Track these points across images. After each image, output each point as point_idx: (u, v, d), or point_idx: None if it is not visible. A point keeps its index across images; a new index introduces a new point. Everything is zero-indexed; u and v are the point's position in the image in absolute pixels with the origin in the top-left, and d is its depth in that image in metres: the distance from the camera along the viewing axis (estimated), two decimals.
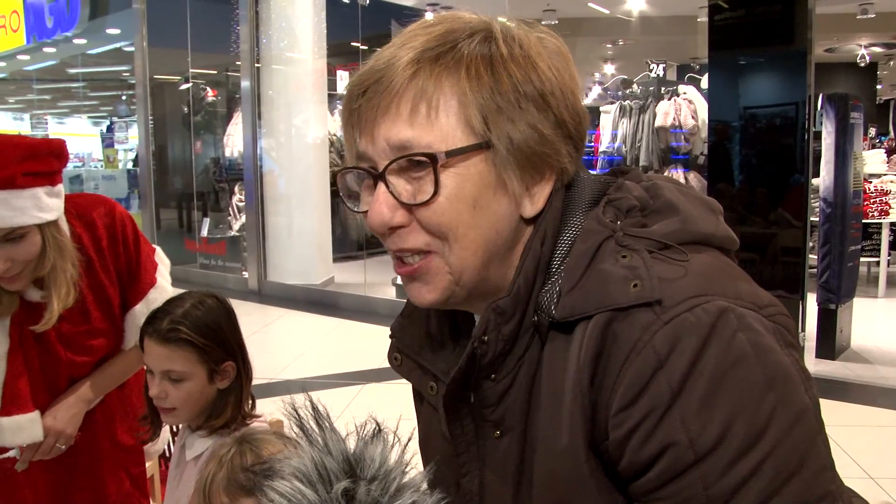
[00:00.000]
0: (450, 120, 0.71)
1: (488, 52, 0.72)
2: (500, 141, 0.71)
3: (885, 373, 4.46)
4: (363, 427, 0.66)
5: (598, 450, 0.70)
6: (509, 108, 0.71)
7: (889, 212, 6.53)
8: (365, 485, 0.62)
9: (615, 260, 0.70)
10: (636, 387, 0.65)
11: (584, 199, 0.77)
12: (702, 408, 0.63)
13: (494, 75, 0.71)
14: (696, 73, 7.93)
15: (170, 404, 1.43)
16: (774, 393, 0.64)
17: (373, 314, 6.26)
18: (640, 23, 9.78)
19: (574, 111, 0.75)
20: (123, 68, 10.79)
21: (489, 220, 0.73)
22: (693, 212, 0.75)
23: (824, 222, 4.85)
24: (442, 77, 0.71)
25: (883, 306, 6.34)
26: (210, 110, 9.22)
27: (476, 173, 0.72)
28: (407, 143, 0.71)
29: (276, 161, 7.25)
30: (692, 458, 0.64)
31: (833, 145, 4.79)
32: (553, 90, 0.73)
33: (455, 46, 0.72)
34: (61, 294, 1.49)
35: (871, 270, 7.14)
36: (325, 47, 7.41)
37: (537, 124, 0.72)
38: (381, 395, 4.16)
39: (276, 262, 7.33)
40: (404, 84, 0.71)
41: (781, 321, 0.70)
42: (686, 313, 0.66)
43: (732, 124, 4.44)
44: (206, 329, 1.44)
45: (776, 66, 4.32)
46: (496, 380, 0.76)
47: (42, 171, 1.42)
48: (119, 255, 1.64)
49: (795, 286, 4.19)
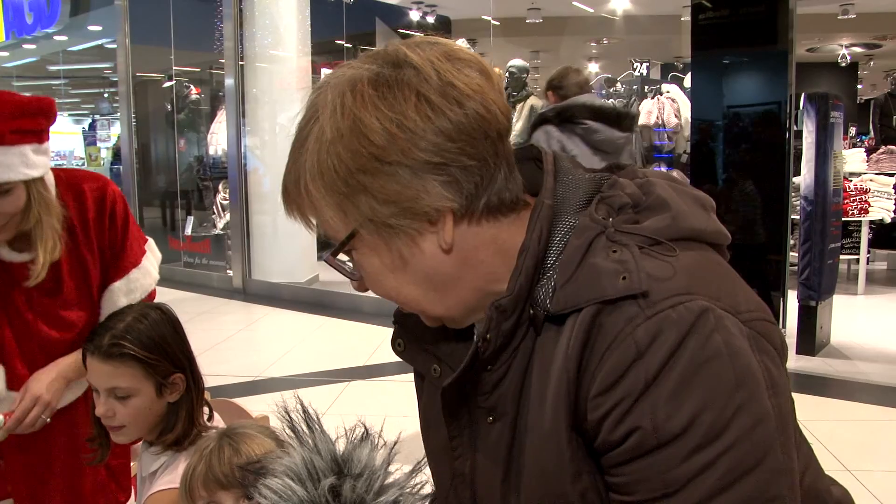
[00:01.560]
0: (332, 223, 0.76)
1: (318, 138, 0.74)
2: (363, 227, 0.75)
3: (864, 368, 4.52)
4: (352, 430, 0.69)
5: (579, 430, 0.73)
6: (350, 194, 0.73)
7: (868, 210, 6.60)
8: (350, 482, 0.65)
9: (606, 255, 0.73)
10: (615, 374, 0.69)
11: (578, 196, 0.79)
12: (671, 398, 0.67)
13: (323, 171, 0.73)
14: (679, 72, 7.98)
15: (118, 422, 1.39)
16: (741, 393, 0.67)
17: (357, 312, 6.25)
18: (624, 22, 9.83)
19: (438, 135, 0.72)
20: (105, 65, 10.72)
21: (414, 274, 0.77)
22: (684, 208, 0.77)
23: (805, 220, 4.90)
24: (309, 195, 0.75)
25: (862, 303, 6.42)
26: (194, 108, 9.18)
27: (370, 250, 0.76)
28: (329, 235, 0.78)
29: (261, 159, 7.23)
30: (654, 444, 0.68)
31: (814, 144, 4.85)
32: (388, 148, 0.71)
33: (306, 138, 0.75)
34: (48, 247, 1.51)
35: (851, 268, 7.22)
36: (310, 45, 7.39)
37: (379, 194, 0.72)
38: (366, 393, 4.17)
39: (260, 260, 7.31)
40: (297, 193, 0.77)
41: (758, 327, 0.72)
42: (669, 310, 0.69)
43: (715, 123, 4.48)
44: (151, 342, 1.39)
45: (758, 65, 4.37)
46: (492, 370, 0.79)
47: (30, 129, 1.44)
48: (104, 230, 1.64)
49: (777, 283, 4.24)
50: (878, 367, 4.53)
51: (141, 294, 1.68)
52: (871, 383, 4.21)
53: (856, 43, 12.33)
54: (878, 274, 7.72)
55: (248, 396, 4.00)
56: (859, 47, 12.61)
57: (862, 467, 3.09)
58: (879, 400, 3.95)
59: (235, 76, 7.20)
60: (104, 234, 1.64)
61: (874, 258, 7.84)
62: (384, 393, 4.19)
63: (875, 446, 3.43)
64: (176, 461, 1.41)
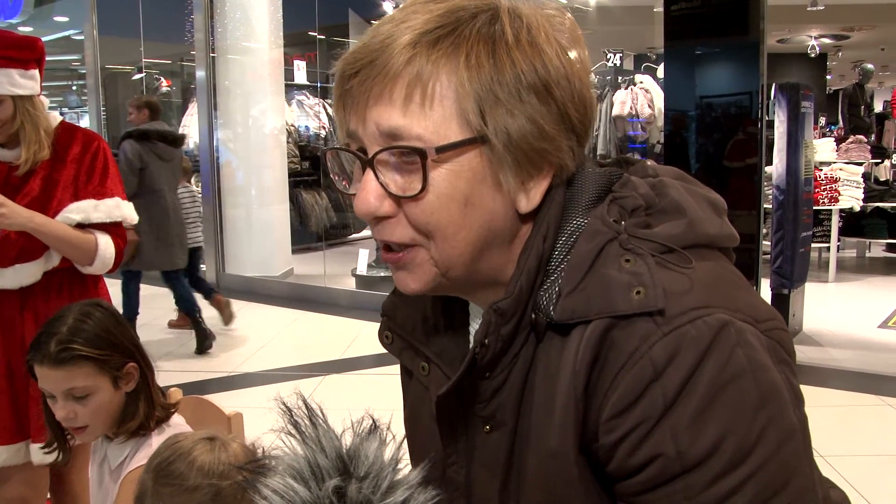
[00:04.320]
0: (444, 110, 0.67)
1: (491, 36, 0.67)
2: (497, 136, 0.67)
3: (835, 355, 4.59)
4: (359, 423, 0.65)
5: (587, 450, 0.69)
6: (509, 100, 0.67)
7: (838, 199, 6.70)
8: (356, 483, 0.62)
9: (619, 264, 0.68)
10: (631, 395, 0.64)
11: (587, 194, 0.74)
12: (693, 422, 0.63)
13: (496, 63, 0.67)
14: (652, 63, 8.02)
15: (81, 423, 1.38)
16: (766, 411, 0.64)
17: (333, 305, 6.23)
18: (598, 13, 9.85)
19: (580, 101, 0.71)
20: (73, 57, 10.53)
21: (481, 217, 0.70)
22: (699, 213, 0.72)
23: (777, 209, 4.96)
24: (440, 63, 0.66)
25: (833, 290, 6.52)
26: (165, 101, 9.06)
27: (469, 169, 0.68)
28: (397, 131, 0.67)
29: (234, 152, 7.15)
30: (679, 470, 0.64)
31: (785, 134, 4.90)
32: (559, 80, 0.68)
33: (456, 29, 0.67)
34: (32, 149, 1.85)
35: (822, 256, 7.33)
36: (282, 37, 7.33)
37: (538, 118, 0.68)
38: (342, 387, 4.15)
39: (234, 254, 7.25)
40: (399, 69, 0.66)
41: (776, 336, 0.69)
42: (687, 325, 0.64)
43: (688, 113, 4.50)
44: (99, 339, 1.39)
45: (730, 56, 4.39)
46: (491, 377, 0.74)
47: (15, 57, 1.81)
48: (83, 162, 1.93)
49: (750, 272, 4.27)
50: (849, 353, 4.60)
51: (106, 216, 1.91)
52: (843, 369, 4.27)
53: (825, 34, 12.48)
54: (848, 262, 7.85)
55: (224, 392, 3.96)
56: (828, 38, 12.76)
57: (834, 452, 3.14)
58: (851, 386, 4.01)
59: (207, 68, 7.11)
60: (82, 166, 1.93)
61: (844, 246, 7.96)
62: (361, 386, 4.17)
63: (847, 431, 3.48)
64: (148, 440, 1.42)
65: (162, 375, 1.55)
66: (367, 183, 0.70)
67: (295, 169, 8.51)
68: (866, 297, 6.18)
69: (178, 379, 4.05)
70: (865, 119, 9.86)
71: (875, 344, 4.83)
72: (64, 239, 1.86)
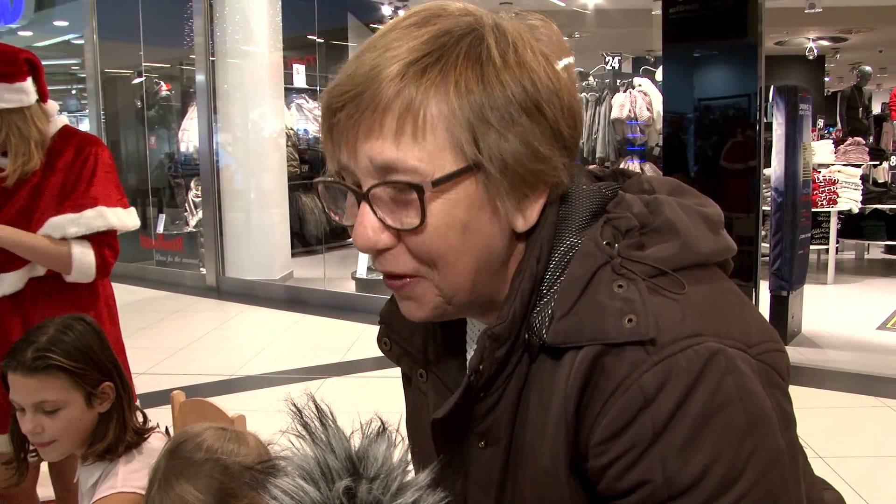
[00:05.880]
0: (437, 140, 0.66)
1: (479, 59, 0.66)
2: (492, 162, 0.67)
3: (834, 356, 4.59)
4: (368, 425, 0.65)
5: (578, 470, 0.70)
6: (501, 123, 0.66)
7: (837, 201, 6.71)
8: (366, 483, 0.62)
9: (611, 290, 0.68)
10: (621, 422, 0.65)
11: (581, 213, 0.74)
12: (682, 449, 0.64)
13: (486, 87, 0.66)
14: (650, 66, 8.02)
15: (48, 438, 1.36)
16: (753, 438, 0.65)
17: (332, 308, 6.23)
18: (596, 16, 9.86)
19: (570, 115, 0.71)
20: (73, 62, 10.53)
21: (481, 241, 0.69)
22: (693, 232, 0.72)
23: (776, 211, 4.96)
24: (429, 93, 0.65)
25: (832, 292, 6.52)
26: (164, 105, 9.06)
27: (466, 198, 0.67)
28: (391, 165, 0.66)
29: (233, 156, 7.16)
30: (666, 496, 0.65)
31: (783, 136, 4.91)
32: (549, 97, 0.68)
33: (443, 56, 0.66)
34: (19, 161, 1.86)
35: (821, 258, 7.34)
36: (281, 41, 7.33)
37: (531, 139, 0.67)
38: (343, 389, 4.16)
39: (234, 257, 7.25)
40: (389, 101, 0.65)
41: (769, 359, 0.69)
42: (678, 354, 0.65)
43: (686, 115, 4.51)
44: (77, 352, 1.37)
45: (728, 58, 4.41)
46: (485, 397, 0.75)
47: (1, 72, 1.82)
48: (72, 170, 1.93)
49: (748, 274, 4.28)
50: (848, 355, 4.61)
51: (86, 228, 1.89)
52: (842, 371, 4.28)
53: (823, 36, 12.49)
54: (846, 263, 7.85)
55: (223, 395, 3.97)
56: (826, 41, 12.77)
57: (833, 454, 3.14)
58: (850, 387, 4.02)
59: (206, 72, 7.12)
60: (71, 173, 1.92)
61: (843, 248, 7.97)
62: (361, 389, 4.18)
63: (846, 433, 3.49)
64: (115, 467, 1.39)
65: (160, 378, 1.54)
66: (363, 217, 0.69)
67: (294, 172, 8.51)
68: (865, 299, 6.18)
69: (177, 382, 4.05)
70: (864, 121, 9.87)
71: (874, 345, 4.83)
72: (34, 251, 1.87)
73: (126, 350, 2.07)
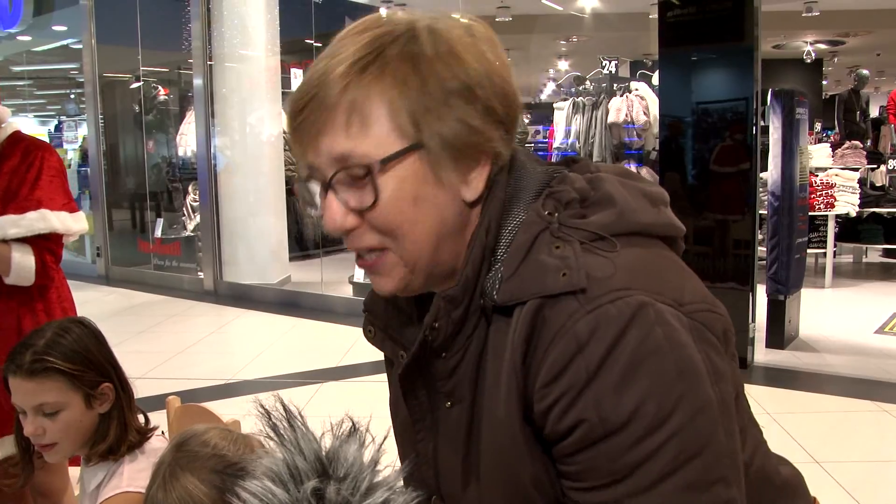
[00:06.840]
0: (382, 128, 0.75)
1: (412, 54, 0.75)
2: (432, 140, 0.76)
3: (831, 361, 4.60)
4: (339, 426, 0.68)
5: (529, 419, 0.76)
6: (437, 107, 0.75)
7: (834, 204, 6.71)
8: (335, 484, 0.63)
9: (549, 250, 0.76)
10: (558, 367, 0.72)
11: (529, 190, 0.82)
12: (614, 390, 0.70)
13: (420, 77, 0.75)
14: (647, 70, 8.04)
15: (49, 440, 1.37)
16: (682, 384, 0.70)
17: (330, 313, 6.23)
18: (593, 19, 9.89)
19: (504, 96, 0.79)
20: (71, 66, 10.54)
21: (432, 211, 0.78)
22: (631, 204, 0.80)
23: (772, 215, 4.97)
24: (371, 87, 0.75)
25: (829, 296, 6.52)
26: (162, 109, 9.06)
27: (412, 173, 0.76)
28: (346, 154, 0.76)
29: (231, 160, 7.16)
30: (601, 434, 0.70)
31: (780, 140, 4.91)
32: (480, 81, 0.77)
33: (381, 54, 0.75)
34: None
35: (818, 262, 7.34)
36: (279, 44, 7.34)
37: (465, 118, 0.76)
38: (339, 394, 4.15)
39: (231, 262, 7.25)
40: (337, 99, 0.75)
41: (701, 318, 0.75)
42: (608, 304, 0.71)
43: (683, 119, 4.52)
44: (74, 355, 1.39)
45: (725, 62, 4.41)
46: (447, 357, 0.82)
47: None
48: (17, 173, 1.93)
49: (745, 278, 4.28)
50: (846, 359, 4.61)
51: (27, 230, 1.89)
52: (839, 375, 4.28)
53: (820, 40, 12.53)
54: (844, 267, 7.86)
55: (220, 400, 3.96)
56: (823, 44, 12.81)
57: (830, 458, 3.14)
58: (847, 392, 4.01)
59: (204, 76, 7.13)
60: (16, 177, 1.92)
61: (840, 252, 7.98)
62: (358, 394, 4.17)
63: (843, 437, 3.49)
64: (119, 467, 1.40)
65: (156, 382, 1.55)
66: (329, 203, 0.79)
67: (292, 176, 8.52)
68: (863, 303, 6.18)
69: (174, 386, 4.04)
70: (861, 124, 9.87)
71: (871, 350, 4.83)
72: None
73: (123, 354, 2.08)
